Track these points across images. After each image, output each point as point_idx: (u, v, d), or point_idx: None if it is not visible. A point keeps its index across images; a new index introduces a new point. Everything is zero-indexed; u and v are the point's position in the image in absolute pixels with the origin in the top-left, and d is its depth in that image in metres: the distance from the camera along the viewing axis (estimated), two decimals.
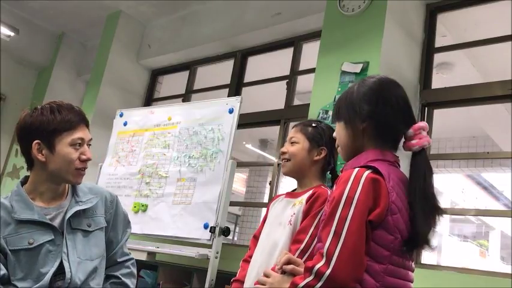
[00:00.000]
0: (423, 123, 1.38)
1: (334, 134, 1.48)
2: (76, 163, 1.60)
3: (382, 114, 1.36)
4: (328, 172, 2.02)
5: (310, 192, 1.86)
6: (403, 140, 1.41)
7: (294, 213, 1.84)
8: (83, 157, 1.61)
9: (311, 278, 1.18)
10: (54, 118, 1.58)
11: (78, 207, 1.65)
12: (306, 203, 1.83)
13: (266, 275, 1.40)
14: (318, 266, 1.18)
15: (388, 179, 1.26)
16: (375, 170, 1.25)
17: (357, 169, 1.26)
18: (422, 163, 1.34)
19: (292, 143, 1.97)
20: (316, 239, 1.71)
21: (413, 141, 1.36)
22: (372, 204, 1.21)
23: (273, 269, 1.72)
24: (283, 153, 1.98)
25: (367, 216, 1.20)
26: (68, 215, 1.62)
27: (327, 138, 1.96)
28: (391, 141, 1.39)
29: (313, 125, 1.99)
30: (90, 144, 1.67)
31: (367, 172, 1.25)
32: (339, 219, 1.20)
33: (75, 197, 1.68)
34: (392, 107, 1.36)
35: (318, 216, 1.75)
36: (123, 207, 1.85)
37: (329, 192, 1.83)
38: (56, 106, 1.61)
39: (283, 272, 1.36)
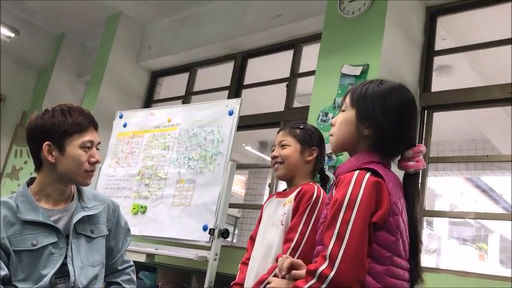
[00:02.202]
0: (422, 147, 1.38)
1: (333, 120, 1.45)
2: (85, 165, 1.62)
3: (393, 130, 1.33)
4: (318, 173, 2.03)
5: (298, 189, 1.87)
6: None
7: (285, 213, 1.85)
8: (92, 159, 1.64)
9: (314, 281, 1.18)
10: (65, 120, 1.60)
11: (84, 213, 1.66)
12: (294, 200, 1.83)
13: (268, 282, 1.39)
14: (321, 268, 1.18)
15: (388, 180, 1.27)
16: (375, 172, 1.26)
17: (357, 171, 1.26)
18: (414, 187, 1.38)
19: (282, 146, 1.97)
20: (306, 236, 1.72)
21: (411, 163, 1.37)
22: (374, 206, 1.22)
23: (270, 271, 1.73)
24: (275, 157, 1.97)
25: (369, 218, 1.21)
26: (75, 219, 1.63)
27: (316, 138, 1.97)
28: (387, 152, 1.38)
29: (301, 126, 2.00)
30: (98, 149, 1.68)
31: (368, 174, 1.25)
32: (342, 221, 1.20)
33: (81, 202, 1.69)
34: (404, 128, 1.35)
35: (306, 213, 1.77)
36: (123, 216, 1.86)
37: (316, 188, 1.85)
38: (67, 108, 1.63)
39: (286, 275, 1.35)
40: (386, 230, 1.23)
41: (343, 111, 1.42)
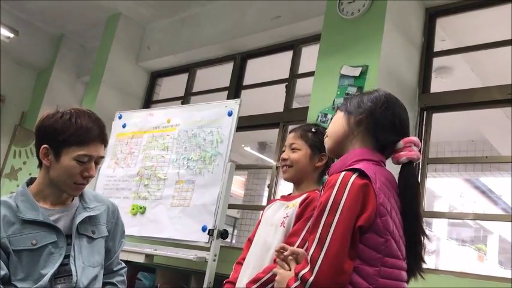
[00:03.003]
0: (415, 138, 1.39)
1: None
2: (76, 178, 1.59)
3: (382, 115, 1.38)
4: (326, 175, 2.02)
5: (304, 196, 1.86)
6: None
7: (288, 215, 1.83)
8: (85, 174, 1.59)
9: (298, 283, 1.20)
10: (68, 128, 1.56)
11: (86, 213, 1.66)
12: (299, 206, 1.83)
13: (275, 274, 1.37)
14: (302, 272, 1.20)
15: (375, 180, 1.26)
16: (361, 173, 1.25)
17: (343, 173, 1.26)
18: (408, 176, 1.36)
19: (293, 149, 1.96)
20: (307, 243, 1.72)
21: (402, 153, 1.37)
22: (359, 210, 1.21)
23: (266, 270, 1.72)
24: (284, 159, 1.97)
25: (354, 222, 1.20)
26: (78, 219, 1.62)
27: None
28: (380, 143, 1.40)
29: (313, 130, 1.97)
30: (98, 163, 1.64)
31: (353, 177, 1.24)
32: (324, 225, 1.21)
33: (83, 203, 1.68)
34: (393, 114, 1.39)
35: (311, 220, 1.76)
36: (121, 218, 1.86)
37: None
38: (76, 116, 1.58)
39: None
40: (374, 231, 1.22)
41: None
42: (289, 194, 2.01)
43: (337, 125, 1.44)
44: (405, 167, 1.37)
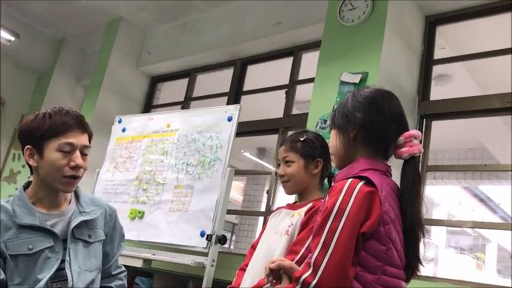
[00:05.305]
0: (414, 131, 1.38)
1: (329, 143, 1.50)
2: (65, 170, 1.57)
3: (374, 122, 1.36)
4: (326, 180, 2.02)
5: (310, 204, 1.86)
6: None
7: (292, 224, 1.83)
8: (72, 164, 1.57)
9: (298, 287, 1.19)
10: (44, 123, 1.57)
11: (82, 218, 1.65)
12: (305, 215, 1.82)
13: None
14: (304, 276, 1.19)
15: (381, 189, 1.26)
16: (368, 181, 1.25)
17: (350, 180, 1.26)
18: (411, 171, 1.35)
19: (287, 162, 1.95)
20: None
21: (404, 149, 1.37)
22: (363, 217, 1.22)
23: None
24: (281, 175, 1.96)
25: (358, 228, 1.20)
26: (73, 224, 1.62)
27: (318, 148, 1.95)
28: (382, 149, 1.39)
29: (301, 139, 1.96)
30: (85, 153, 1.62)
31: (360, 184, 1.24)
32: (329, 230, 1.21)
33: (79, 207, 1.68)
34: (384, 115, 1.37)
35: (314, 225, 1.75)
36: (119, 221, 1.85)
37: None
38: (51, 111, 1.60)
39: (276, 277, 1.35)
40: (376, 239, 1.23)
41: None
42: (295, 203, 2.00)
43: (335, 144, 1.44)
44: (407, 162, 1.37)
